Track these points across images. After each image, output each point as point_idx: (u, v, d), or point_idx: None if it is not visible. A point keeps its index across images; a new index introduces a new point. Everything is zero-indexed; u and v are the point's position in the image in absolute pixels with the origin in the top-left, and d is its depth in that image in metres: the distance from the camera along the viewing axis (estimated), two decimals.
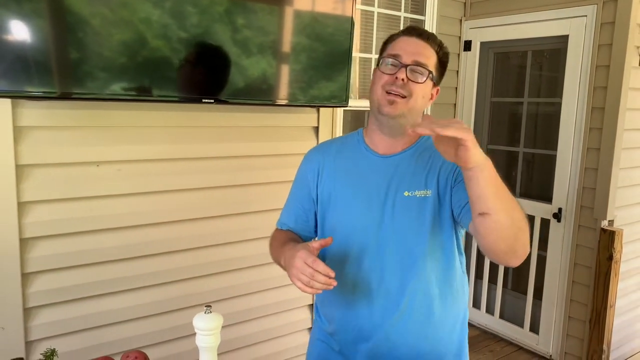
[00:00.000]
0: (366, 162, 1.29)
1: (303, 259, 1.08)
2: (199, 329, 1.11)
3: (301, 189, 1.37)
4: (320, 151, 1.37)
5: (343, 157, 1.32)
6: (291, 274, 1.11)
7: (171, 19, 1.75)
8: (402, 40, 1.25)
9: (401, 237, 1.23)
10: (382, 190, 1.24)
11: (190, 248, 2.11)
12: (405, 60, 1.21)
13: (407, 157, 1.27)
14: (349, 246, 1.26)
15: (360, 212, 1.25)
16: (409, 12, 3.33)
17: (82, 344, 1.88)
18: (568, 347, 3.11)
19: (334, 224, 1.30)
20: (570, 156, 2.99)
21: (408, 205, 1.22)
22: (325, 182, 1.31)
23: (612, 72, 2.77)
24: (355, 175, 1.28)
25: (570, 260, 3.04)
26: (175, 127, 2.02)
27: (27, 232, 1.75)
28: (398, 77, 1.19)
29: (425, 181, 1.23)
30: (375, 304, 1.25)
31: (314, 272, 1.06)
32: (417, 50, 1.22)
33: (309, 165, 1.36)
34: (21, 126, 1.70)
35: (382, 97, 1.21)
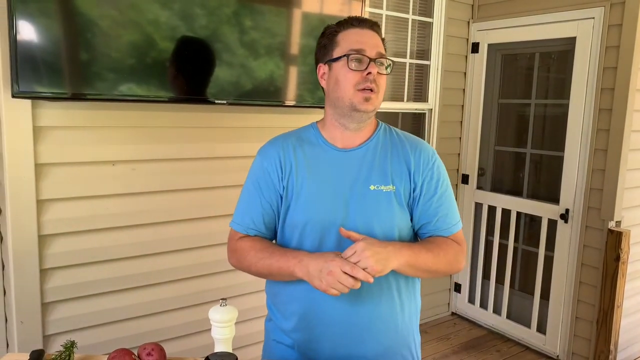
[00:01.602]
0: (327, 156, 1.26)
1: (341, 267, 1.07)
2: (215, 321, 1.15)
3: (265, 187, 1.28)
4: (278, 146, 1.30)
5: (302, 152, 1.27)
6: (325, 283, 1.08)
7: (180, 21, 1.80)
8: (356, 33, 1.21)
9: (368, 230, 1.21)
10: (347, 184, 1.23)
11: (205, 245, 2.16)
12: (370, 54, 1.19)
13: (368, 150, 1.27)
14: (315, 241, 1.24)
15: (327, 206, 1.23)
16: (417, 15, 3.37)
17: (98, 339, 1.93)
18: (575, 348, 3.12)
19: (298, 219, 1.25)
20: (578, 157, 3.00)
21: (374, 198, 1.22)
22: (289, 177, 1.26)
23: (620, 74, 2.79)
24: (318, 169, 1.25)
25: (578, 260, 3.05)
26: (187, 128, 2.07)
27: (46, 229, 1.80)
28: (371, 72, 1.18)
29: (390, 177, 1.24)
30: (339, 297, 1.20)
31: (355, 282, 1.06)
32: (376, 42, 1.21)
33: (269, 160, 1.28)
34: (40, 126, 1.76)
35: (355, 96, 1.19)
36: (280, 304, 1.34)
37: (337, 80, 1.21)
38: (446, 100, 3.55)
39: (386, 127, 1.34)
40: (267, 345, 1.39)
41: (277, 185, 1.27)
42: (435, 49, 3.46)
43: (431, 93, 3.50)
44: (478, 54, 3.54)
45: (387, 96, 3.34)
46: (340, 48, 1.21)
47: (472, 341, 3.45)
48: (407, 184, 1.26)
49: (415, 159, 1.27)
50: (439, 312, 3.78)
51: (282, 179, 1.26)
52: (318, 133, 1.30)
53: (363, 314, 1.24)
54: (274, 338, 1.36)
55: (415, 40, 3.41)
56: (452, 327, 3.64)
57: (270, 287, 1.37)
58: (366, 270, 1.07)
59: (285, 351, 1.33)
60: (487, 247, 3.64)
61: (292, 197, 1.25)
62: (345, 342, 1.25)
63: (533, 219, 3.37)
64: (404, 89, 3.41)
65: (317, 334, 1.26)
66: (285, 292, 1.30)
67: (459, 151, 3.69)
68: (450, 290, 3.84)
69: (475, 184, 3.65)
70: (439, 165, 1.30)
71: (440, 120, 3.53)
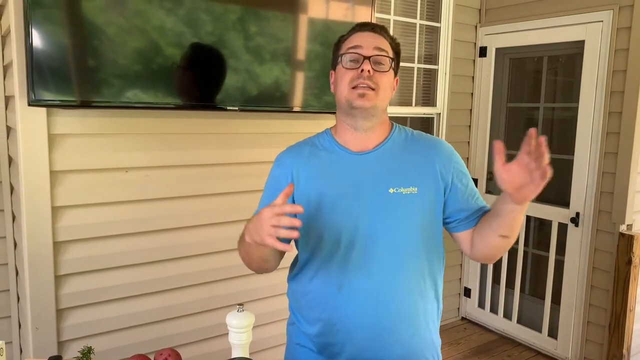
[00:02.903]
0: (343, 161, 1.26)
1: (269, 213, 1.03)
2: (232, 327, 1.16)
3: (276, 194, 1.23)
4: (292, 155, 1.31)
5: (317, 158, 1.28)
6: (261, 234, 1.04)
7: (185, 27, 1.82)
8: (357, 35, 1.24)
9: (390, 235, 1.22)
10: (366, 189, 1.23)
11: (219, 251, 2.16)
12: (366, 51, 1.19)
13: (383, 153, 1.26)
14: (336, 247, 1.23)
15: (347, 211, 1.22)
16: (424, 20, 3.38)
17: (114, 344, 1.94)
18: (587, 352, 3.10)
19: (318, 227, 1.24)
20: (588, 160, 2.99)
21: (395, 202, 1.21)
22: (303, 186, 1.26)
23: (629, 77, 2.78)
24: (334, 175, 1.25)
25: (589, 264, 3.04)
26: (198, 134, 2.08)
27: (60, 236, 1.82)
28: (364, 69, 1.18)
29: (409, 178, 1.23)
30: (363, 302, 1.22)
31: (277, 211, 1.02)
32: (375, 41, 1.22)
33: (282, 169, 1.30)
34: (55, 134, 1.78)
35: (350, 93, 1.20)
36: (303, 309, 1.33)
37: (337, 81, 1.25)
38: (454, 104, 3.55)
39: (401, 128, 1.34)
40: (291, 349, 1.39)
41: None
42: (443, 53, 3.46)
43: (439, 97, 3.50)
44: (486, 58, 3.54)
45: (395, 101, 3.35)
46: (341, 50, 1.25)
47: (482, 346, 3.43)
48: (434, 183, 1.25)
49: (440, 157, 1.27)
50: (449, 317, 3.77)
51: (296, 187, 1.26)
52: (332, 138, 1.30)
53: (386, 317, 1.24)
54: (298, 342, 1.36)
55: (423, 45, 3.42)
56: (463, 332, 3.63)
57: (293, 292, 1.38)
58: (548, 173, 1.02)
59: (309, 355, 1.33)
60: None
61: (308, 205, 1.24)
62: (369, 346, 1.25)
63: (543, 222, 3.36)
64: (412, 94, 3.42)
65: (341, 339, 1.26)
66: (307, 298, 1.30)
67: (468, 155, 3.69)
68: (460, 295, 3.83)
69: (484, 188, 3.65)
70: (460, 159, 1.32)
71: (449, 125, 3.54)
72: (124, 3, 1.71)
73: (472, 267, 3.77)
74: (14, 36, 1.67)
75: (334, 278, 1.24)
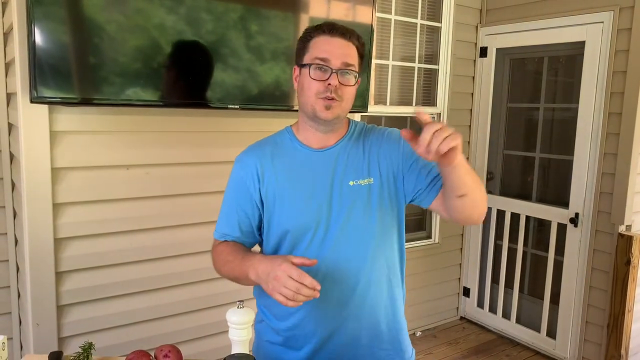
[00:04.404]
0: (304, 158, 1.29)
1: (287, 272, 1.05)
2: (232, 323, 1.16)
3: (241, 196, 1.31)
4: (254, 154, 1.33)
5: (280, 156, 1.30)
6: (272, 287, 1.07)
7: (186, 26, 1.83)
8: (325, 41, 1.22)
9: (353, 226, 1.25)
10: (326, 183, 1.26)
11: None
12: (334, 64, 1.20)
13: (342, 148, 1.30)
14: (302, 241, 1.26)
15: (309, 207, 1.26)
16: (425, 19, 3.39)
17: (114, 341, 1.95)
18: (585, 352, 3.11)
19: (282, 223, 1.28)
20: (587, 161, 3.00)
21: (355, 194, 1.26)
22: (268, 185, 1.28)
23: (629, 78, 2.79)
24: (297, 172, 1.28)
25: (588, 265, 3.05)
26: (198, 132, 2.09)
27: (61, 233, 1.83)
28: (331, 83, 1.19)
29: (367, 169, 1.28)
30: (332, 294, 1.25)
31: (301, 286, 1.04)
32: (344, 51, 1.21)
33: (245, 170, 1.31)
34: (56, 131, 1.78)
35: (316, 103, 1.21)
36: (272, 306, 1.35)
37: (302, 86, 1.24)
38: (455, 104, 3.56)
39: (357, 123, 1.38)
40: (259, 347, 1.41)
41: (254, 193, 1.29)
42: (444, 53, 3.47)
43: (440, 97, 3.51)
44: (486, 58, 3.55)
45: (396, 100, 3.36)
46: (309, 54, 1.23)
47: (481, 346, 3.44)
48: (388, 170, 1.29)
49: (388, 144, 1.31)
50: (448, 317, 3.77)
51: (261, 187, 1.28)
52: (293, 136, 1.33)
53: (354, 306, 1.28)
54: (267, 339, 1.38)
55: (423, 44, 3.43)
56: (461, 331, 3.64)
57: (260, 290, 1.35)
58: (452, 142, 1.01)
59: (277, 349, 1.35)
60: (496, 251, 3.63)
61: (274, 203, 1.28)
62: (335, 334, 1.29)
63: (542, 223, 3.37)
64: (412, 94, 3.42)
65: (310, 330, 1.29)
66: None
67: (468, 155, 3.70)
68: (459, 295, 3.84)
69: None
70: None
71: (449, 125, 3.53)
72: (125, 1, 1.72)
73: (471, 267, 3.77)
74: (16, 33, 1.68)
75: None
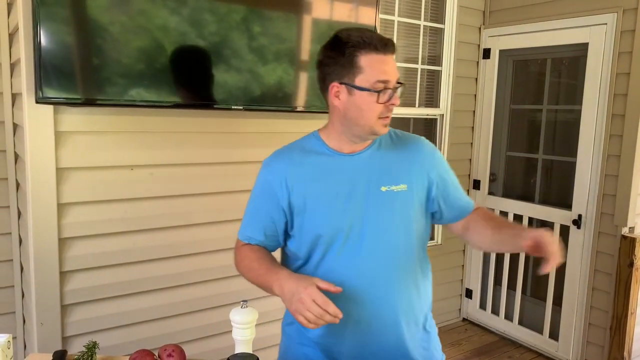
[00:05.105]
0: (335, 163, 1.28)
1: (312, 297, 1.06)
2: (236, 323, 1.17)
3: (268, 201, 1.29)
4: (283, 160, 1.31)
5: (309, 162, 1.28)
6: (295, 308, 1.08)
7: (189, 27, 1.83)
8: (380, 61, 1.19)
9: (385, 232, 1.26)
10: (358, 188, 1.25)
11: (223, 248, 2.17)
12: (392, 84, 1.20)
13: (373, 153, 1.30)
14: (334, 247, 1.25)
15: (341, 212, 1.25)
16: (428, 21, 3.39)
17: (118, 340, 1.96)
18: (588, 355, 3.10)
19: (314, 228, 1.26)
20: (590, 163, 3.00)
21: (387, 199, 1.26)
22: (297, 191, 1.26)
23: (633, 80, 2.79)
24: (327, 177, 1.27)
25: (591, 266, 3.04)
26: (202, 133, 2.10)
27: (66, 232, 1.84)
28: (395, 103, 1.20)
29: (400, 176, 1.28)
30: (365, 300, 1.25)
31: (324, 313, 1.05)
32: (395, 69, 1.21)
33: (274, 176, 1.29)
34: (61, 131, 1.79)
35: (377, 124, 1.22)
36: None
37: (360, 108, 1.20)
38: (458, 105, 3.56)
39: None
40: (291, 349, 1.40)
41: (281, 200, 1.27)
42: (447, 54, 3.47)
43: (443, 99, 3.51)
44: (489, 59, 3.55)
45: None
46: (365, 75, 1.18)
47: (483, 347, 3.44)
48: (421, 180, 1.31)
49: (423, 155, 1.34)
50: (450, 318, 3.77)
51: (289, 193, 1.27)
52: (321, 142, 1.31)
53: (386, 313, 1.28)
54: (299, 341, 1.36)
55: (427, 46, 3.43)
56: (464, 332, 3.64)
57: None
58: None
59: (312, 354, 1.34)
60: (498, 253, 3.63)
61: (304, 209, 1.27)
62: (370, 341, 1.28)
63: (545, 224, 3.36)
64: (415, 95, 3.43)
65: (343, 338, 1.29)
66: None
67: (471, 157, 3.70)
68: (462, 296, 3.84)
69: (486, 189, 3.65)
70: (441, 155, 1.39)
71: (452, 126, 3.54)
72: (129, 2, 1.73)
73: (474, 269, 3.77)
74: (22, 34, 1.69)
75: (333, 278, 1.24)
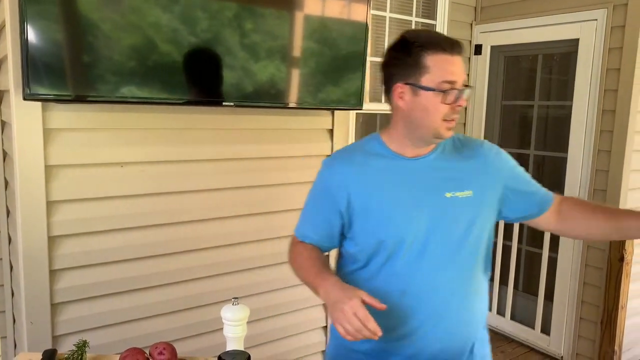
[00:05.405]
0: (398, 166, 1.26)
1: (354, 310, 1.05)
2: (227, 320, 1.16)
3: (326, 203, 1.29)
4: (344, 162, 1.30)
5: (371, 165, 1.27)
6: (336, 317, 1.07)
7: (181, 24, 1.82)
8: (447, 61, 1.17)
9: (449, 238, 1.23)
10: (423, 194, 1.23)
11: (211, 246, 2.17)
12: (460, 85, 1.18)
13: (437, 158, 1.27)
14: (397, 253, 1.23)
15: (407, 217, 1.23)
16: (420, 17, 3.39)
17: (109, 339, 1.95)
18: (579, 348, 3.12)
19: (376, 233, 1.25)
20: (581, 158, 3.02)
21: (452, 205, 1.23)
22: (357, 195, 1.25)
23: (623, 75, 2.80)
24: (391, 181, 1.25)
25: (582, 261, 3.06)
26: (193, 130, 2.09)
27: (55, 230, 1.82)
28: (461, 105, 1.18)
29: (464, 182, 1.25)
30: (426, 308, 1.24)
31: (363, 328, 1.04)
32: (462, 70, 1.19)
33: (334, 177, 1.28)
34: (50, 128, 1.77)
35: (441, 126, 1.19)
36: None
37: (425, 109, 1.18)
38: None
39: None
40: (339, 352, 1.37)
41: (340, 202, 1.26)
42: None
43: None
44: (481, 55, 3.55)
45: None
46: (432, 75, 1.16)
47: None
48: (488, 185, 1.28)
49: (488, 160, 1.31)
50: None
51: (349, 197, 1.25)
52: (384, 145, 1.29)
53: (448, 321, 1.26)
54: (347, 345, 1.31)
55: None
56: None
57: None
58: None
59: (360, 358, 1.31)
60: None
61: (365, 213, 1.25)
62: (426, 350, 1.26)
63: None
64: None
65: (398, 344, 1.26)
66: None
67: None
68: None
69: None
70: (506, 154, 1.37)
71: None
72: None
73: None
74: (9, 30, 1.67)
75: (395, 284, 1.24)
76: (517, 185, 1.33)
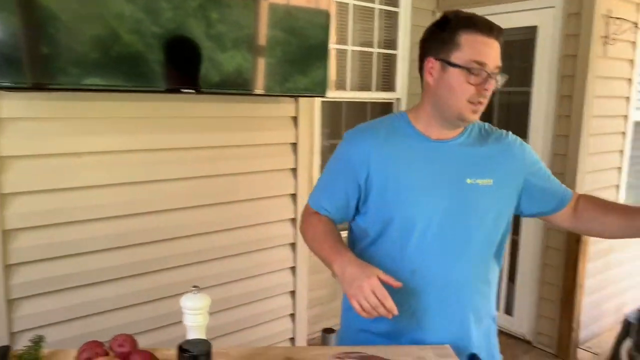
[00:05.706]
0: (421, 147, 1.25)
1: (373, 288, 1.06)
2: (187, 309, 1.15)
3: (345, 175, 1.28)
4: (368, 135, 1.28)
5: (394, 142, 1.25)
6: (353, 294, 1.08)
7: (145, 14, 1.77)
8: (482, 42, 1.15)
9: (464, 224, 1.23)
10: (443, 177, 1.23)
11: (173, 237, 2.13)
12: (490, 68, 1.15)
13: (462, 143, 1.26)
14: (410, 232, 1.23)
15: (424, 198, 1.22)
16: (383, 4, 3.40)
17: (68, 334, 1.90)
18: (540, 327, 3.23)
19: (388, 210, 1.24)
20: (541, 143, 3.09)
21: (472, 192, 1.23)
22: (376, 169, 1.24)
23: (579, 61, 2.88)
24: (412, 161, 1.24)
25: (542, 243, 3.16)
26: (155, 118, 2.04)
27: (10, 224, 1.75)
28: (488, 89, 1.15)
29: (486, 169, 1.25)
30: (435, 289, 1.24)
31: (380, 306, 1.06)
32: (497, 54, 1.16)
33: (356, 149, 1.27)
34: (2, 117, 1.70)
35: (465, 108, 1.17)
36: None
37: (450, 87, 1.17)
38: (414, 89, 3.59)
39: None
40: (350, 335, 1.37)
41: (359, 175, 1.25)
42: (402, 38, 3.49)
43: (399, 82, 3.54)
44: None
45: (355, 86, 3.36)
46: (462, 53, 1.15)
47: None
48: (509, 177, 1.28)
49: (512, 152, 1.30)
50: None
51: (369, 170, 1.24)
52: (409, 124, 1.27)
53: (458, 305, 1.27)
54: (361, 328, 1.32)
55: (382, 29, 3.44)
56: None
57: None
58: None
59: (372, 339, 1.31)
60: None
61: (381, 188, 1.24)
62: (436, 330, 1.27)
63: None
64: (371, 79, 3.44)
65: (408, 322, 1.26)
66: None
67: None
68: None
69: None
70: (529, 147, 1.35)
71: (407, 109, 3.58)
72: None
73: None
74: None
75: (406, 262, 1.24)
76: (537, 180, 1.32)
